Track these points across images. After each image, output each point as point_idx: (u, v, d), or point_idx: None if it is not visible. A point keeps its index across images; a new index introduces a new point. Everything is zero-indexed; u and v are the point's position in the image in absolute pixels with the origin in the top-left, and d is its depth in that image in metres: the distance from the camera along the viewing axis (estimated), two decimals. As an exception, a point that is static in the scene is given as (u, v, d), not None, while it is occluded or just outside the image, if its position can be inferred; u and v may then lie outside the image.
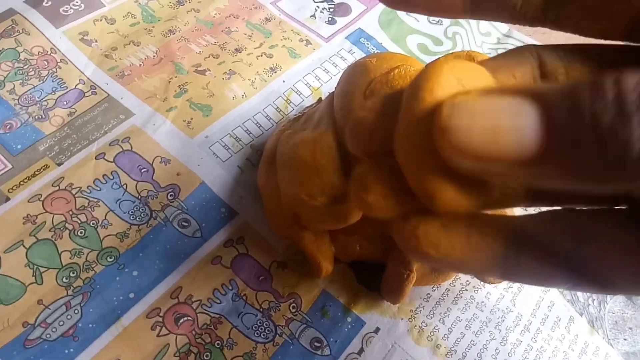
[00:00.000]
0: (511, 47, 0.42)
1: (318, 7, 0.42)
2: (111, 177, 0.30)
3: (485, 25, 0.44)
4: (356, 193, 0.14)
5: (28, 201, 0.29)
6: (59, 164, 0.30)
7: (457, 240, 0.14)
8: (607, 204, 0.14)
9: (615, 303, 0.31)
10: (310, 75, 0.37)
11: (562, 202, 0.15)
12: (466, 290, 0.29)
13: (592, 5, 0.14)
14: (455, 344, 0.28)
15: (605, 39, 0.15)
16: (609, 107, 0.10)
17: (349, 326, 0.27)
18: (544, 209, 0.15)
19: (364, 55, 0.39)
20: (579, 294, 0.30)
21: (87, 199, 0.29)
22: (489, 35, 0.44)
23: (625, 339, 0.30)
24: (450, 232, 0.14)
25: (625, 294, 0.30)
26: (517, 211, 0.28)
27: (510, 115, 0.10)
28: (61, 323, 0.25)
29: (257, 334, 0.26)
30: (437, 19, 0.43)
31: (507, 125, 0.10)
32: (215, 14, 0.40)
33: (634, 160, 0.10)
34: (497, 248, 0.14)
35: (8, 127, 0.31)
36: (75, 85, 0.34)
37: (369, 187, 0.14)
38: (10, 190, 0.29)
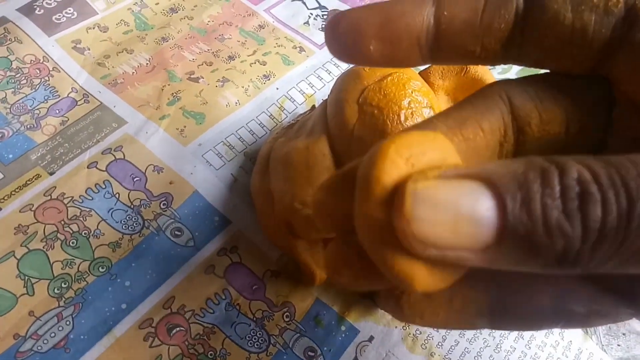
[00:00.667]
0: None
1: (311, 14, 0.42)
2: (103, 186, 0.30)
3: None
4: (328, 274, 0.14)
5: (19, 211, 0.28)
6: (51, 173, 0.30)
7: (440, 308, 0.15)
8: None
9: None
10: (303, 83, 0.37)
11: None
12: (460, 297, 0.29)
13: (550, 49, 0.14)
14: (450, 352, 0.27)
15: (571, 72, 0.15)
16: (557, 204, 0.10)
17: (343, 335, 0.27)
18: None
19: (357, 62, 0.39)
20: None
21: (79, 208, 0.29)
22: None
23: (619, 345, 0.30)
24: (433, 300, 0.15)
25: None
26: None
27: (468, 206, 0.11)
28: (53, 335, 0.25)
29: (251, 343, 0.26)
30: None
31: (466, 217, 0.11)
32: (208, 21, 0.40)
33: (574, 257, 0.10)
34: (481, 309, 0.15)
35: (0, 136, 0.31)
36: (68, 94, 0.34)
37: (339, 270, 0.14)
38: (2, 200, 0.29)
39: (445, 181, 0.11)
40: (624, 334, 0.30)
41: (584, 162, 0.11)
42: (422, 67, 0.33)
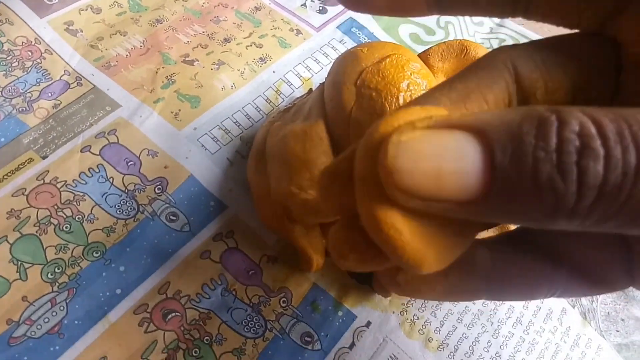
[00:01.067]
0: (504, 36, 0.42)
1: (309, -5, 0.41)
2: (97, 171, 0.29)
3: (478, 14, 0.43)
4: (333, 258, 0.14)
5: (12, 195, 0.28)
6: (44, 158, 0.30)
7: (437, 283, 0.15)
8: None
9: (607, 295, 0.31)
10: (300, 66, 0.37)
11: None
12: (458, 283, 0.29)
13: (559, 3, 0.14)
14: (447, 337, 0.27)
15: (578, 29, 0.14)
16: (550, 157, 0.10)
17: (340, 320, 0.27)
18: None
19: (355, 45, 0.39)
20: (572, 285, 0.30)
21: (72, 193, 0.28)
22: (481, 25, 0.43)
23: (617, 331, 0.29)
24: (430, 276, 0.14)
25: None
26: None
27: (453, 158, 0.10)
28: (46, 320, 0.25)
29: (247, 329, 0.26)
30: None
31: (450, 168, 0.10)
32: (203, 2, 0.39)
33: (568, 214, 0.10)
34: (476, 284, 0.15)
35: (-9, 119, 0.31)
36: (60, 77, 0.33)
37: (345, 255, 0.14)
38: (-6, 185, 0.28)
39: (432, 131, 0.11)
40: (622, 320, 0.30)
41: (589, 114, 0.10)
42: (421, 50, 0.32)
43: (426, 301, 0.28)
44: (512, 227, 0.25)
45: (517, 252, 0.15)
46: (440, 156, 0.10)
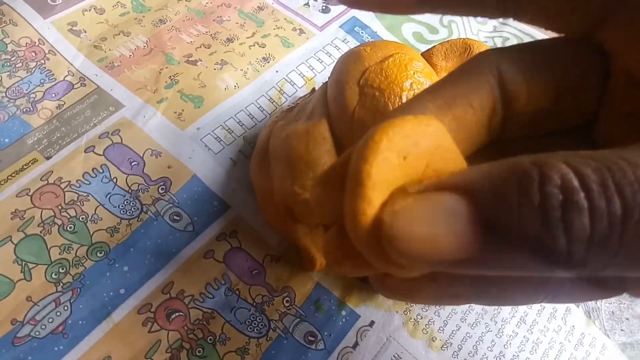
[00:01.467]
0: (507, 35, 0.42)
1: (311, -5, 0.41)
2: (101, 171, 0.29)
3: (481, 12, 0.43)
4: (329, 263, 0.15)
5: (16, 196, 0.28)
6: (48, 158, 0.30)
7: (425, 286, 0.15)
8: None
9: (613, 294, 0.30)
10: (303, 65, 0.37)
11: None
12: (462, 282, 0.29)
13: (546, 4, 0.14)
14: (451, 337, 0.27)
15: (563, 33, 0.14)
16: (535, 214, 0.10)
17: (344, 320, 0.27)
18: None
19: (358, 44, 0.39)
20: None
21: (76, 193, 0.29)
22: (485, 24, 0.43)
23: (622, 330, 0.29)
24: (418, 280, 0.15)
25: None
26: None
27: (444, 221, 0.10)
28: (50, 320, 0.25)
29: (251, 328, 0.26)
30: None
31: (443, 231, 0.10)
32: (206, 2, 0.39)
33: (564, 266, 0.10)
34: (461, 289, 0.15)
35: (-5, 120, 0.31)
36: (64, 77, 0.33)
37: (339, 261, 0.14)
38: (-2, 185, 0.28)
39: (422, 196, 0.11)
40: (627, 319, 0.30)
41: (572, 165, 0.10)
42: (424, 48, 0.32)
43: (430, 301, 0.28)
44: None
45: None
46: (432, 220, 0.11)
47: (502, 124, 0.14)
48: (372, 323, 0.27)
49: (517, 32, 0.42)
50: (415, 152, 0.12)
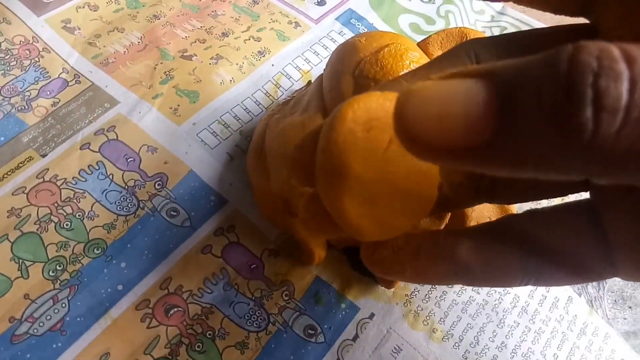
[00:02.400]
0: (505, 24, 0.42)
1: (307, -12, 0.41)
2: (97, 168, 0.29)
3: (478, 3, 0.43)
4: (302, 219, 0.17)
5: (12, 194, 0.28)
6: (43, 156, 0.29)
7: (407, 264, 0.15)
8: (561, 194, 0.15)
9: (615, 282, 0.30)
10: (299, 58, 0.36)
11: (514, 198, 0.15)
12: (462, 273, 0.29)
13: None
14: (452, 328, 0.27)
15: (558, 14, 0.14)
16: (559, 82, 0.09)
17: (343, 312, 0.27)
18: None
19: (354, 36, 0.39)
20: (577, 274, 0.30)
21: (72, 190, 0.28)
22: (482, 14, 0.43)
23: (624, 318, 0.29)
24: (400, 257, 0.15)
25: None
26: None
27: (458, 101, 0.10)
28: (48, 317, 0.25)
29: (250, 323, 0.26)
30: (429, -3, 0.42)
31: (455, 111, 0.10)
32: (201, -3, 0.39)
33: (585, 148, 0.09)
34: (445, 267, 0.15)
35: (-10, 119, 0.31)
36: (59, 75, 0.33)
37: (309, 218, 0.16)
38: (-6, 184, 0.28)
39: (442, 80, 0.10)
40: (630, 307, 0.30)
41: (619, 45, 0.09)
42: (420, 38, 0.32)
43: (430, 292, 0.28)
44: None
45: (489, 239, 0.15)
46: (446, 99, 0.10)
47: None
48: (372, 315, 0.27)
49: (515, 21, 0.42)
50: (378, 126, 0.13)
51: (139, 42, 0.35)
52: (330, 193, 0.13)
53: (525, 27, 0.42)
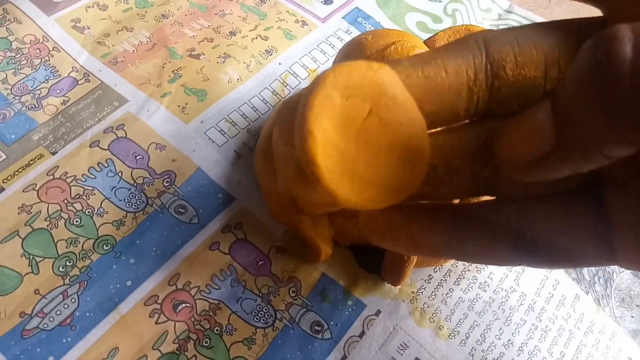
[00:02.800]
0: (512, 22, 0.42)
1: (314, -13, 0.41)
2: (106, 165, 0.30)
3: (485, 1, 0.43)
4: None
5: (23, 191, 0.28)
6: (54, 153, 0.30)
7: (400, 232, 0.16)
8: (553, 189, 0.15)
9: (622, 280, 0.30)
10: (306, 57, 0.37)
11: (515, 192, 0.15)
12: (469, 270, 0.29)
13: None
14: (458, 325, 0.27)
15: None
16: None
17: (350, 309, 0.27)
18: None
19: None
20: (585, 271, 0.30)
21: (82, 187, 0.29)
22: (489, 12, 0.43)
23: (632, 317, 0.29)
24: (393, 225, 0.15)
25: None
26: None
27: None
28: (58, 312, 0.25)
29: (257, 319, 0.26)
30: (436, -4, 0.42)
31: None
32: (208, -3, 0.39)
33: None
34: (437, 238, 0.15)
35: (1, 117, 0.31)
36: (69, 73, 0.34)
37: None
38: (5, 181, 0.28)
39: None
40: (637, 306, 0.29)
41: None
42: (427, 37, 0.32)
43: (436, 289, 0.28)
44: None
45: (483, 217, 0.15)
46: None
47: (487, 98, 0.14)
48: (378, 312, 0.27)
49: (522, 19, 0.42)
50: (357, 95, 0.13)
51: (147, 41, 0.36)
52: (305, 157, 0.13)
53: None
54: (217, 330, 0.26)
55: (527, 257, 0.15)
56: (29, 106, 0.32)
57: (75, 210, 0.28)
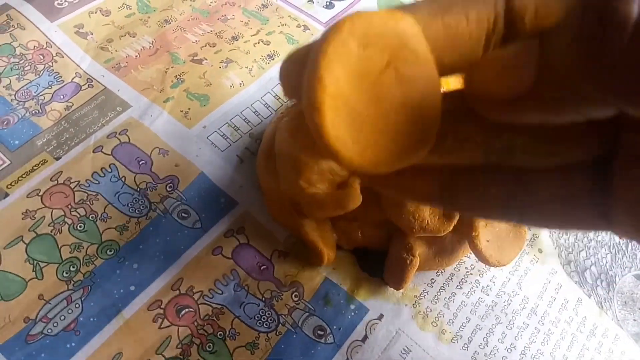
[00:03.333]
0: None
1: (315, -9, 0.41)
2: (109, 170, 0.30)
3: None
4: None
5: (27, 196, 0.28)
6: (57, 159, 0.30)
7: (392, 177, 0.14)
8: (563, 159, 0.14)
9: (625, 284, 0.30)
10: (308, 61, 0.37)
11: (532, 163, 0.14)
12: (471, 274, 0.29)
13: None
14: (461, 329, 0.27)
15: None
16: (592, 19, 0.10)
17: (353, 313, 0.27)
18: None
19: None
20: (587, 275, 0.30)
21: (85, 192, 0.29)
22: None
23: (635, 320, 0.29)
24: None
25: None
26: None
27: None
28: (62, 317, 0.25)
29: (260, 323, 0.26)
30: None
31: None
32: (211, 2, 0.40)
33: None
34: (430, 188, 0.15)
35: (5, 122, 0.31)
36: (72, 79, 0.34)
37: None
38: (9, 186, 0.29)
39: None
40: (640, 309, 0.29)
41: None
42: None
43: (439, 293, 0.28)
44: None
45: (478, 170, 0.15)
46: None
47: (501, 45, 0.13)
48: (381, 316, 0.27)
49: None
50: (376, 44, 0.12)
51: (150, 47, 0.36)
52: (311, 106, 0.12)
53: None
54: (220, 334, 0.26)
55: (517, 217, 0.15)
56: (33, 112, 0.32)
57: (79, 216, 0.28)
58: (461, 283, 0.28)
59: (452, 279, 0.29)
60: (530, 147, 0.13)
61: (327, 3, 0.41)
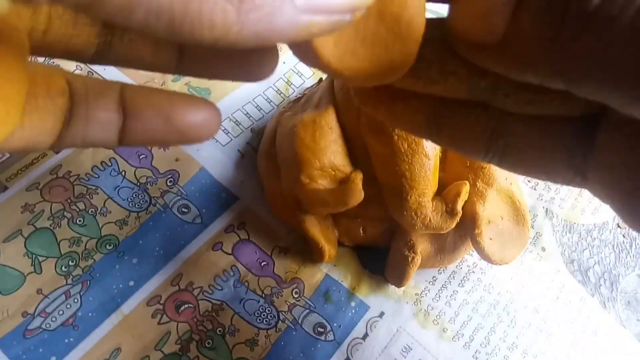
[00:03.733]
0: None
1: (318, -15, 0.41)
2: (109, 164, 0.30)
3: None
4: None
5: (26, 190, 0.28)
6: (57, 152, 0.30)
7: (383, 104, 0.15)
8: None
9: (628, 283, 0.30)
10: (311, 56, 0.36)
11: (513, 108, 0.14)
12: (473, 272, 0.28)
13: None
14: (462, 327, 0.27)
15: None
16: None
17: (353, 311, 0.27)
18: None
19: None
20: (590, 274, 0.30)
21: (85, 186, 0.29)
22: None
23: (638, 320, 0.29)
24: (379, 93, 0.15)
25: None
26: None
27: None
28: (61, 312, 0.25)
29: (260, 320, 0.26)
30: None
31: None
32: (213, -5, 0.39)
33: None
34: (418, 119, 0.15)
35: (5, 115, 0.31)
36: (73, 72, 0.33)
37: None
38: (8, 180, 0.28)
39: None
40: (643, 309, 0.29)
41: None
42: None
43: (440, 291, 0.28)
44: None
45: (466, 110, 0.15)
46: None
47: None
48: (382, 314, 0.27)
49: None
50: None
51: (151, 40, 0.36)
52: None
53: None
54: (219, 331, 0.25)
55: (497, 160, 0.15)
56: (33, 105, 0.31)
57: (78, 210, 0.28)
58: (463, 281, 0.28)
59: (453, 276, 0.28)
60: (513, 91, 0.13)
61: (331, -3, 0.40)
